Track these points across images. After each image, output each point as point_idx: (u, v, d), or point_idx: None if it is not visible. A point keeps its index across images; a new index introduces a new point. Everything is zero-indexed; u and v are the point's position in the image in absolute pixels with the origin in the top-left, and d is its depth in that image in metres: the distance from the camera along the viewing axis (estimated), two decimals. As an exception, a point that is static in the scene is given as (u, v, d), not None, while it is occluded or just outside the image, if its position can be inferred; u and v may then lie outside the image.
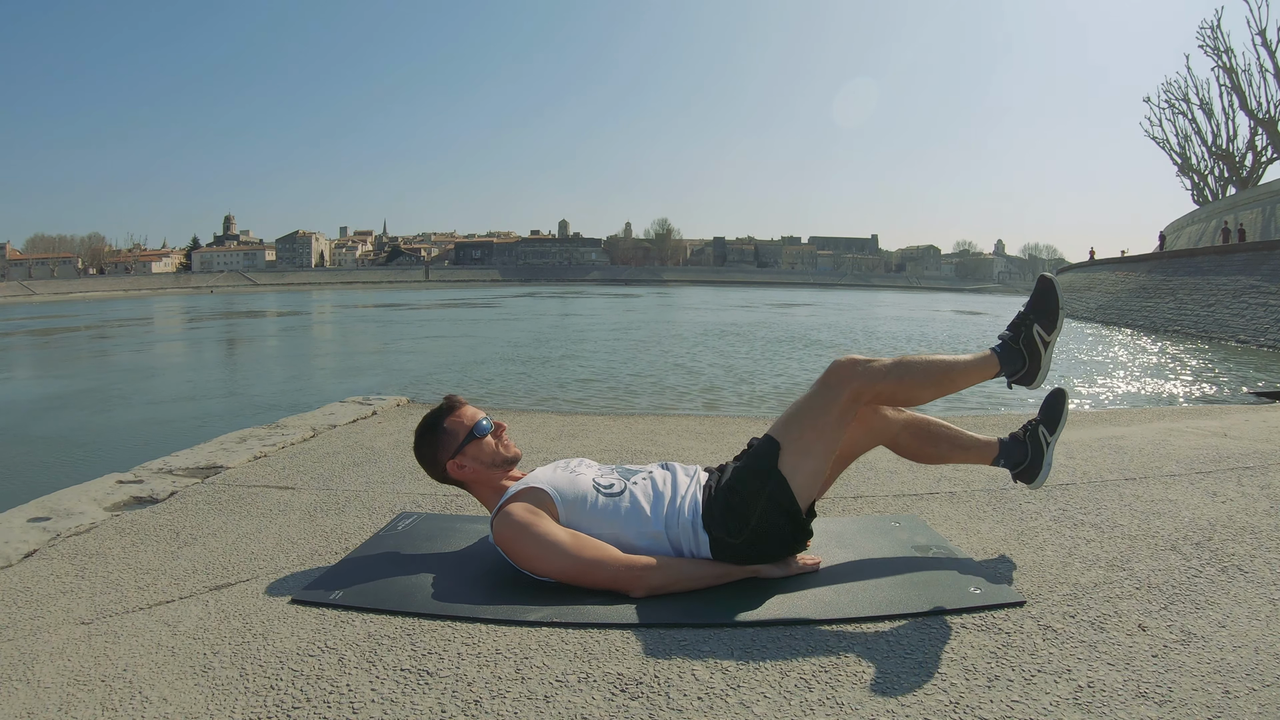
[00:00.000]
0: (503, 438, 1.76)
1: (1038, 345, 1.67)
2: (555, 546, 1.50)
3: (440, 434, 1.72)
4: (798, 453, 1.57)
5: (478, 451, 1.71)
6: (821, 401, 1.59)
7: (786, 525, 1.56)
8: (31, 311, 33.24)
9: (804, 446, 1.57)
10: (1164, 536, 1.82)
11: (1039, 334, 1.67)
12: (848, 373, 1.58)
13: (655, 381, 9.01)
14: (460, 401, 1.79)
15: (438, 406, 1.79)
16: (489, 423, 1.74)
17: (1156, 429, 3.36)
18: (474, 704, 1.15)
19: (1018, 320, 1.72)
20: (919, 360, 1.63)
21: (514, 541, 1.53)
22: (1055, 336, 1.69)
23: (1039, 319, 1.69)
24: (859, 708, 1.13)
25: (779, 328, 18.94)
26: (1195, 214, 38.53)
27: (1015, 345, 1.70)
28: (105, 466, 2.70)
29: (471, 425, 1.72)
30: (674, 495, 1.62)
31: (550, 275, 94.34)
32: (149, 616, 1.49)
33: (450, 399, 1.80)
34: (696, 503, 1.61)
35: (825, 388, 1.59)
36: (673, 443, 3.26)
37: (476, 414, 1.76)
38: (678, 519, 1.58)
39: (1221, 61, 39.85)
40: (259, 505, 2.26)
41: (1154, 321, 18.90)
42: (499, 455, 1.73)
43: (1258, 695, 1.14)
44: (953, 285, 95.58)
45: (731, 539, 1.55)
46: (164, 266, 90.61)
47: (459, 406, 1.77)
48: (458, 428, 1.72)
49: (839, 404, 1.57)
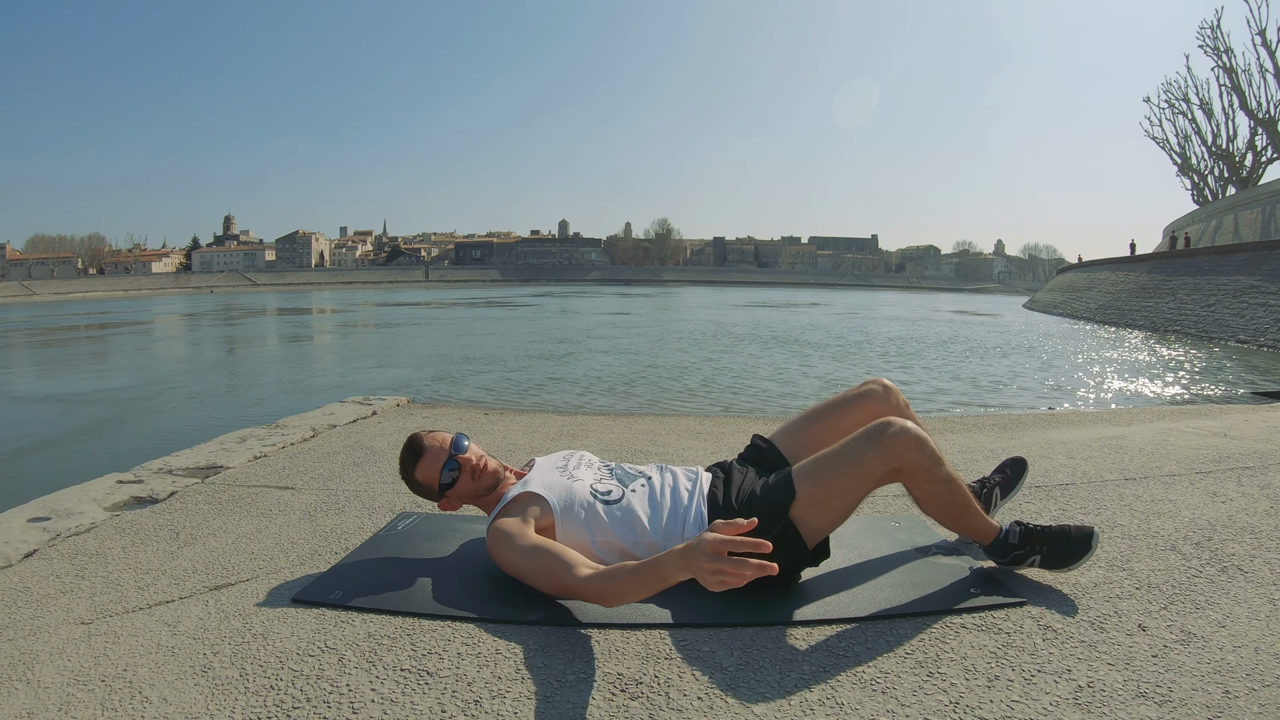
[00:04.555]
0: (476, 471, 1.67)
1: (1025, 565, 1.59)
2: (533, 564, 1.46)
3: (417, 486, 1.71)
4: (817, 510, 1.51)
5: (457, 491, 1.69)
6: (859, 470, 1.49)
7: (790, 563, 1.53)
8: (32, 312, 33.23)
9: (825, 508, 1.51)
10: (1164, 536, 1.82)
11: (1032, 562, 1.58)
12: (900, 447, 1.48)
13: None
14: (422, 446, 1.68)
15: (403, 453, 1.70)
16: (455, 465, 1.66)
17: (1156, 429, 3.36)
18: (474, 704, 1.15)
19: (1036, 533, 1.58)
20: (960, 481, 1.56)
21: (499, 555, 1.54)
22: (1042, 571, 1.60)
23: (1047, 556, 1.57)
24: (859, 708, 1.13)
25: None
26: (1195, 214, 38.54)
27: (1009, 551, 1.59)
28: (105, 466, 2.69)
29: (438, 476, 1.66)
30: (674, 507, 1.60)
31: (550, 275, 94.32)
32: (149, 616, 1.49)
33: (410, 444, 1.69)
34: (702, 515, 1.58)
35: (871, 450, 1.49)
36: (673, 443, 3.26)
37: (439, 456, 1.66)
38: (681, 532, 1.56)
39: (1221, 61, 39.89)
40: (259, 505, 2.26)
41: (1154, 321, 18.90)
42: (480, 485, 1.69)
43: (1258, 695, 1.14)
44: (953, 285, 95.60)
45: None
46: (164, 266, 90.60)
47: (420, 455, 1.67)
48: (428, 479, 1.67)
49: (878, 476, 1.50)
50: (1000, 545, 1.60)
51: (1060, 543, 1.56)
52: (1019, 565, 1.60)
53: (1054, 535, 1.57)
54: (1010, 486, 1.87)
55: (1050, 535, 1.57)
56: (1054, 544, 1.56)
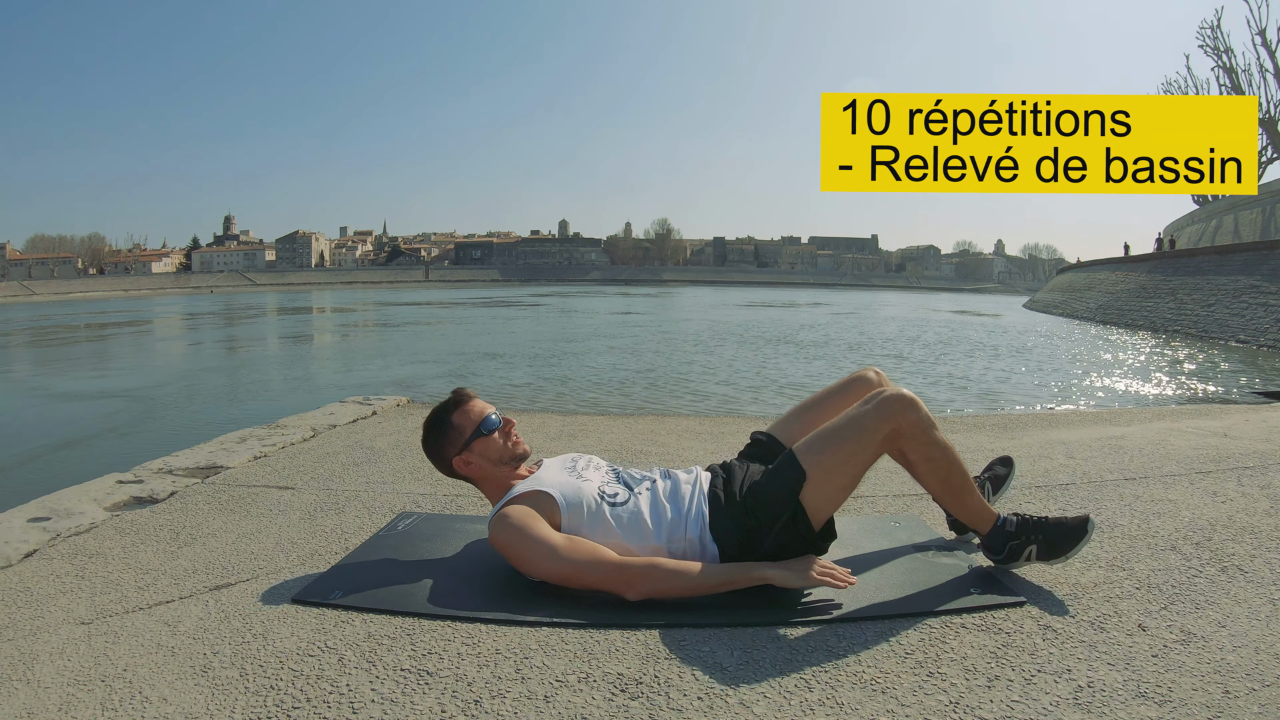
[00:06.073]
0: (511, 434, 1.72)
1: (1021, 559, 1.59)
2: (548, 549, 1.49)
3: (448, 429, 1.69)
4: (823, 483, 1.53)
5: (485, 448, 1.68)
6: (858, 433, 1.54)
7: (800, 546, 1.55)
8: (32, 312, 33.24)
9: (830, 479, 1.54)
10: (1164, 536, 1.82)
11: (1029, 554, 1.58)
12: (897, 408, 1.53)
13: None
14: (469, 395, 1.73)
15: (446, 400, 1.75)
16: (498, 418, 1.70)
17: (1156, 429, 3.36)
18: (474, 704, 1.15)
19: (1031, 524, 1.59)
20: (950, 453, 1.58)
21: (508, 544, 1.53)
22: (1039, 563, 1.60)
23: (1044, 545, 1.57)
24: (859, 708, 1.13)
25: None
26: (1195, 214, 38.52)
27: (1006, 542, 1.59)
28: (105, 466, 2.69)
29: (479, 421, 1.68)
30: (675, 510, 1.61)
31: (550, 275, 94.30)
32: (149, 616, 1.49)
33: (459, 392, 1.75)
34: (703, 515, 1.59)
35: (870, 416, 1.54)
36: (673, 443, 3.26)
37: (486, 409, 1.71)
38: (683, 534, 1.57)
39: (1221, 61, 39.91)
40: (259, 505, 2.26)
41: (1154, 321, 18.90)
42: (507, 452, 1.70)
43: (1258, 695, 1.14)
44: (953, 285, 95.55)
45: (744, 558, 1.54)
46: (164, 266, 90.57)
47: (467, 400, 1.72)
48: (465, 423, 1.68)
49: (876, 441, 1.54)
50: (998, 534, 1.60)
51: (1057, 531, 1.57)
52: (1016, 559, 1.59)
53: (1051, 524, 1.58)
54: (1000, 483, 1.90)
55: (1047, 525, 1.58)
56: (1050, 532, 1.57)
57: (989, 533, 1.61)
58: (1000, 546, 1.60)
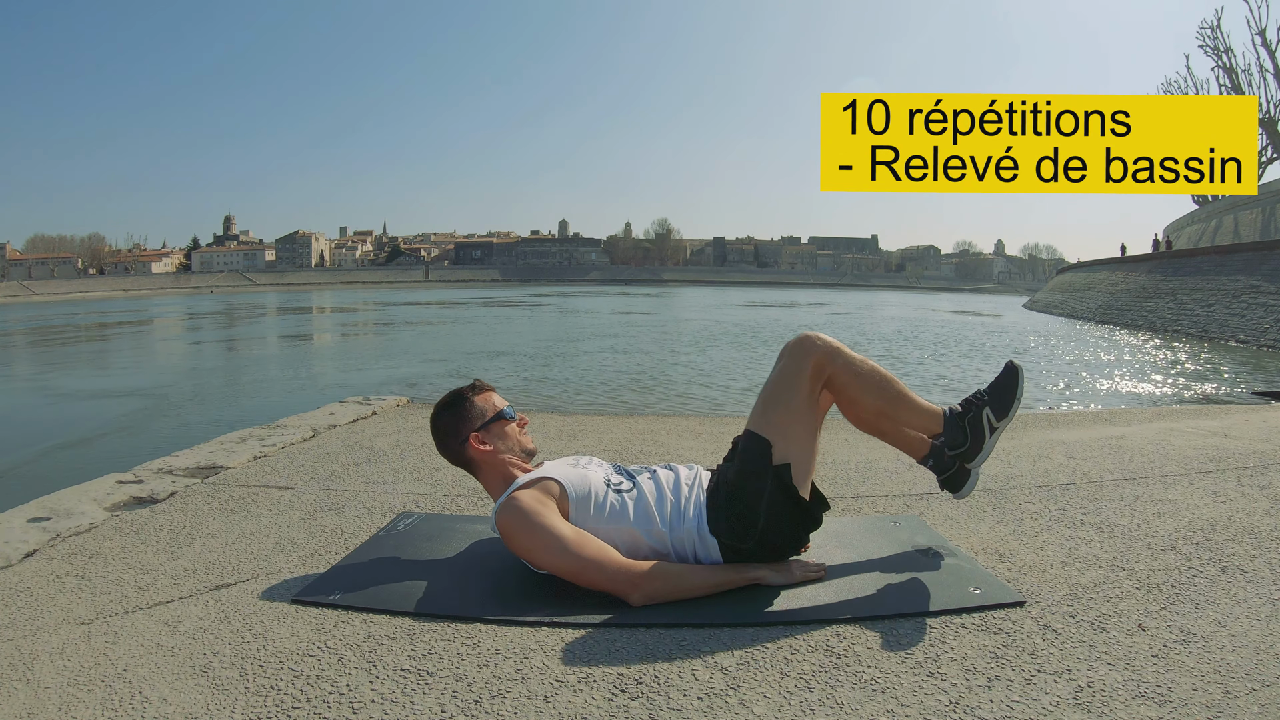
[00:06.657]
0: (524, 430, 1.77)
1: (984, 428, 1.64)
2: (557, 540, 1.49)
3: (468, 407, 1.72)
4: (785, 440, 1.58)
5: (501, 433, 1.71)
6: (789, 381, 1.61)
7: (794, 511, 1.58)
8: (32, 312, 33.24)
9: (787, 433, 1.59)
10: (1164, 536, 1.82)
11: (988, 418, 1.64)
12: (809, 345, 1.61)
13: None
14: (489, 385, 1.80)
15: (465, 386, 1.80)
16: (513, 412, 1.76)
17: (1156, 429, 3.36)
18: (474, 704, 1.15)
19: (973, 399, 1.68)
20: (879, 368, 1.64)
21: (515, 529, 1.52)
22: (1005, 424, 1.66)
23: (993, 403, 1.65)
24: (859, 708, 1.13)
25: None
26: (1195, 214, 38.51)
27: (961, 423, 1.66)
28: (105, 466, 2.69)
29: (501, 407, 1.74)
30: (676, 498, 1.63)
31: (550, 275, 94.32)
32: (149, 616, 1.49)
33: (479, 382, 1.80)
34: (700, 506, 1.61)
35: (791, 362, 1.61)
36: (673, 443, 3.26)
37: (504, 401, 1.78)
38: (682, 522, 1.59)
39: (1221, 61, 39.91)
40: (259, 505, 2.26)
41: (1154, 321, 18.90)
42: (520, 443, 1.73)
43: (1258, 695, 1.14)
44: (952, 285, 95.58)
45: (743, 544, 1.57)
46: (164, 267, 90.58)
47: (488, 389, 1.78)
48: (487, 406, 1.73)
49: (805, 379, 1.59)
50: (954, 421, 1.65)
51: (995, 388, 1.66)
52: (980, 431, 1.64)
53: (985, 388, 1.67)
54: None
55: (982, 390, 1.67)
56: (991, 392, 1.66)
57: (944, 427, 1.66)
58: (960, 433, 1.65)
